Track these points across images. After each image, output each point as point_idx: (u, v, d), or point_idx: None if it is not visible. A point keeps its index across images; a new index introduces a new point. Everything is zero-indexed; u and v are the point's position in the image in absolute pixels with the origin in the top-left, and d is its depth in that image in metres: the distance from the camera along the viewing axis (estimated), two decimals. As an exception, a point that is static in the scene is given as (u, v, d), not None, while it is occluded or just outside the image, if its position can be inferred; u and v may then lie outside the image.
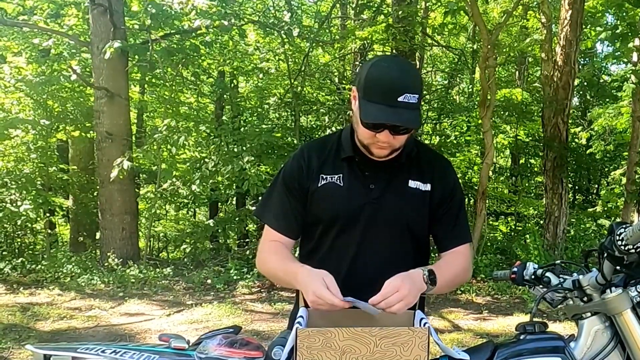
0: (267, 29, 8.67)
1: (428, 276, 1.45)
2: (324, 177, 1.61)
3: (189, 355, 1.47)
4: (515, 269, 1.71)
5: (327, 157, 1.64)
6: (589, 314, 1.49)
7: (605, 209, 9.51)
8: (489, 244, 8.51)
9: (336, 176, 1.61)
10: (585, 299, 1.49)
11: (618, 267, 1.38)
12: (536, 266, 1.68)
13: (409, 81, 1.46)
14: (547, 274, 1.63)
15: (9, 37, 9.22)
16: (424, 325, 1.39)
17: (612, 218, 9.66)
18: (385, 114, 1.43)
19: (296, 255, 1.74)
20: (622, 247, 1.31)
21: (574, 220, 9.38)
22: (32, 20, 8.20)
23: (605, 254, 1.38)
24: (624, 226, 1.32)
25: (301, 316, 1.45)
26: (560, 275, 1.62)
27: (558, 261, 1.69)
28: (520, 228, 9.87)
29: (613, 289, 1.44)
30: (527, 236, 8.07)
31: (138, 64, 8.11)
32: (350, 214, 1.58)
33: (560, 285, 1.56)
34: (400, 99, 1.42)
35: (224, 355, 1.43)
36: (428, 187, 1.61)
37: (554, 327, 4.21)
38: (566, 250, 7.85)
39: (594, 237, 8.93)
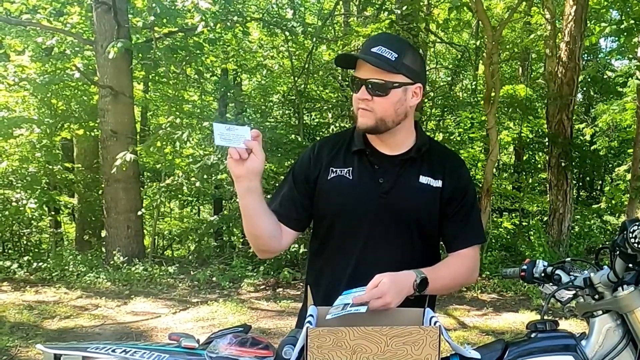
0: (271, 26, 8.65)
1: (418, 284, 1.44)
2: (334, 170, 1.61)
3: (199, 355, 1.47)
4: (524, 267, 1.69)
5: (339, 151, 1.64)
6: (600, 312, 1.48)
7: (610, 205, 9.48)
8: (493, 240, 8.49)
9: (346, 169, 1.60)
10: (596, 296, 1.49)
11: (630, 265, 1.38)
12: (546, 264, 1.67)
13: (388, 39, 1.52)
14: (558, 271, 1.62)
15: (12, 36, 9.24)
16: (435, 324, 1.39)
17: (617, 214, 9.63)
18: (352, 54, 1.49)
19: (304, 251, 1.73)
20: (636, 245, 1.30)
21: (578, 216, 9.35)
22: (35, 19, 8.21)
23: (618, 252, 1.38)
24: (637, 224, 1.31)
25: (311, 315, 1.45)
26: (571, 273, 1.61)
27: (568, 259, 1.68)
28: (525, 224, 9.84)
29: (625, 286, 1.43)
30: (532, 233, 8.05)
31: (142, 62, 8.12)
32: (358, 207, 1.57)
33: (571, 283, 1.55)
34: (373, 49, 1.47)
35: (235, 354, 1.43)
36: (439, 183, 1.59)
37: (560, 324, 4.20)
38: (571, 247, 7.83)
39: (598, 233, 8.90)
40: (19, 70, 8.16)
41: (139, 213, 7.85)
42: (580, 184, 12.66)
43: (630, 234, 1.30)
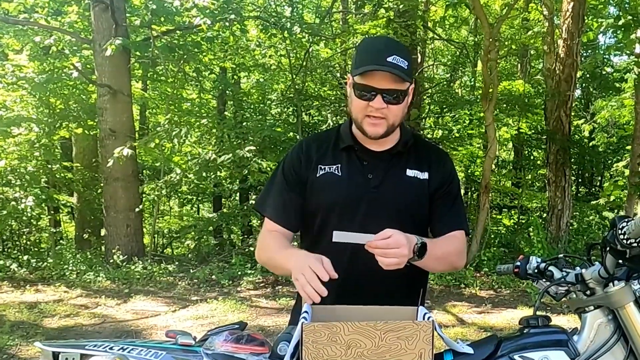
0: (268, 24, 8.65)
1: (419, 247, 1.43)
2: (322, 167, 1.62)
3: (195, 352, 1.49)
4: (518, 263, 1.71)
5: (326, 149, 1.65)
6: (592, 308, 1.49)
7: (608, 201, 9.47)
8: (492, 236, 8.51)
9: (334, 166, 1.62)
10: (588, 292, 1.49)
11: (620, 261, 1.39)
12: (539, 260, 1.68)
13: (397, 47, 1.53)
14: (550, 267, 1.63)
15: (10, 35, 9.24)
16: (428, 319, 1.40)
17: (616, 210, 9.63)
18: (374, 66, 1.47)
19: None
20: (625, 241, 1.31)
21: (577, 213, 9.36)
22: (33, 18, 8.20)
23: (608, 248, 1.38)
24: (626, 220, 1.32)
25: (306, 311, 1.46)
26: (563, 269, 1.62)
27: (561, 255, 1.69)
28: (523, 221, 9.86)
29: (616, 282, 1.44)
30: (531, 229, 8.06)
31: (140, 60, 8.12)
32: (349, 203, 1.59)
33: (563, 279, 1.56)
34: (389, 59, 1.47)
35: (230, 351, 1.44)
36: (426, 175, 1.63)
37: (557, 320, 4.23)
38: (570, 243, 7.84)
39: (597, 230, 8.90)
40: (17, 69, 8.16)
41: (137, 210, 7.87)
42: (579, 180, 12.67)
43: (620, 231, 1.31)
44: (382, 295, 1.58)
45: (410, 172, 1.62)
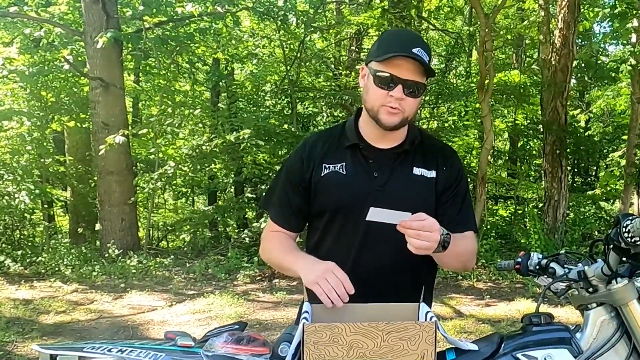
0: (262, 15, 8.57)
1: (444, 237, 1.39)
2: (327, 166, 1.60)
3: (195, 353, 1.47)
4: (519, 260, 1.69)
5: (330, 147, 1.63)
6: (594, 305, 1.48)
7: (605, 191, 9.51)
8: (488, 227, 8.52)
9: (339, 165, 1.59)
10: (590, 289, 1.48)
11: (624, 258, 1.38)
12: (540, 256, 1.67)
13: (421, 41, 1.53)
14: (552, 264, 1.61)
15: (0, 27, 9.11)
16: (431, 319, 1.39)
17: (611, 201, 9.67)
18: (401, 53, 1.46)
19: (302, 247, 1.74)
20: (629, 239, 1.30)
21: (572, 203, 9.39)
22: (23, 10, 8.09)
23: (612, 245, 1.38)
24: (630, 218, 1.31)
25: (306, 311, 1.45)
26: (565, 266, 1.61)
27: (562, 251, 1.68)
28: (520, 212, 9.88)
29: (619, 279, 1.43)
30: (527, 220, 8.08)
31: (132, 52, 8.05)
32: (354, 202, 1.56)
33: (565, 276, 1.55)
34: (414, 50, 1.46)
35: (231, 352, 1.42)
36: (433, 173, 1.60)
37: (553, 310, 4.25)
38: (566, 234, 7.86)
39: (593, 220, 8.94)
40: (7, 62, 8.05)
41: (130, 201, 7.82)
42: (575, 170, 12.69)
43: (624, 229, 1.30)
44: (388, 292, 1.56)
45: (416, 171, 1.59)
